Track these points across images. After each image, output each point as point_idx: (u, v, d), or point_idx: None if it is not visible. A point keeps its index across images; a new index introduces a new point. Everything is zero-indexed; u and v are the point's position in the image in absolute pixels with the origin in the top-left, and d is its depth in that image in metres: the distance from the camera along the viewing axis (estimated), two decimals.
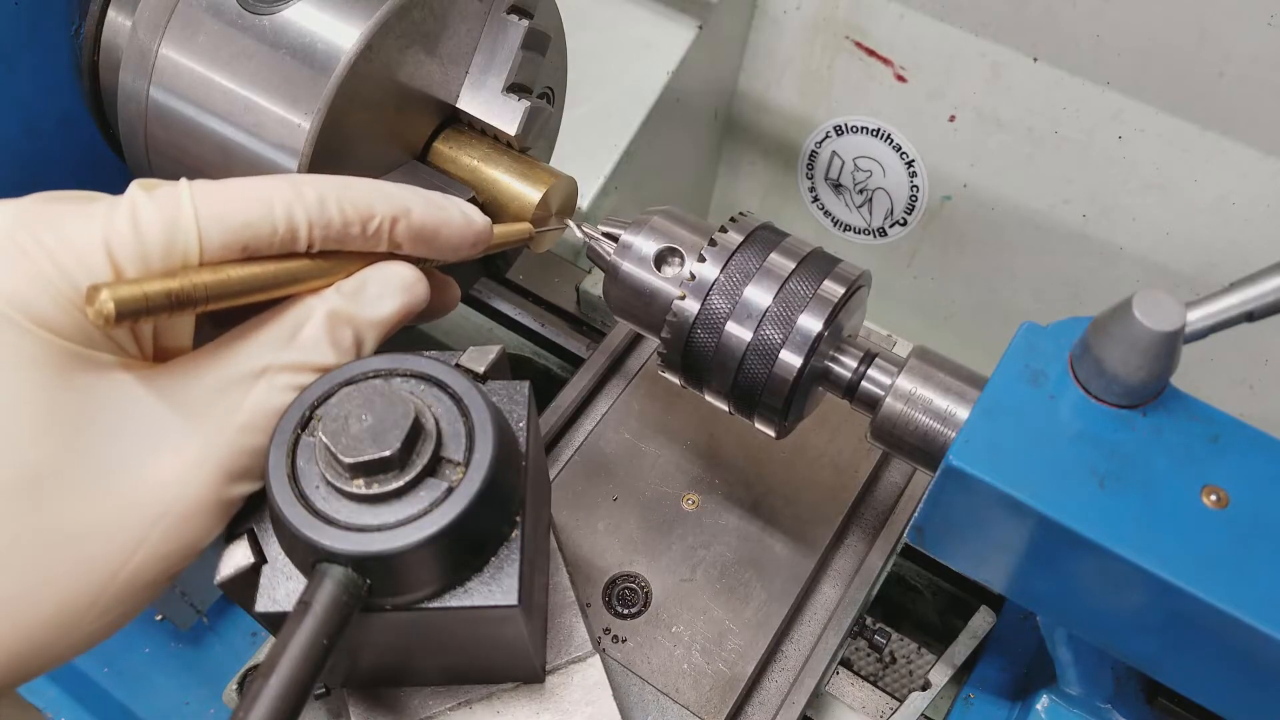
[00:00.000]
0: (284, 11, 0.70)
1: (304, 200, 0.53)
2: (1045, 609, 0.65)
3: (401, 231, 0.57)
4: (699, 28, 1.25)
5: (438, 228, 0.59)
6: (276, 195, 0.53)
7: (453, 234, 0.60)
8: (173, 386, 0.52)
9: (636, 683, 0.77)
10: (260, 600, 0.53)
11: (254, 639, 1.12)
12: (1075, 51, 1.14)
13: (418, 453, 0.51)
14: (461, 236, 0.60)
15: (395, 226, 0.57)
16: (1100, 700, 0.73)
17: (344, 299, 0.56)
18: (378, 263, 0.58)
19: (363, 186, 0.56)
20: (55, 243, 0.48)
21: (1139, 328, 0.53)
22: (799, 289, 0.67)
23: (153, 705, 1.08)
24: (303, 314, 0.55)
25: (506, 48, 0.76)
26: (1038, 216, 1.27)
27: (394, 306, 0.57)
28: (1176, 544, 0.53)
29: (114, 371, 0.51)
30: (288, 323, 0.54)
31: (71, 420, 0.49)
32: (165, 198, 0.51)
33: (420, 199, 0.58)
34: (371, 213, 0.56)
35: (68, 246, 0.49)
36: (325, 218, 0.54)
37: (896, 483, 0.90)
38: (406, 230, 0.57)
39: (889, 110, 1.31)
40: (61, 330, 0.49)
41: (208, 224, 0.51)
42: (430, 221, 0.58)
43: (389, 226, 0.56)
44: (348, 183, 0.56)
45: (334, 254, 0.56)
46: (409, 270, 0.58)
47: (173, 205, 0.50)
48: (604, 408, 0.92)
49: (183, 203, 0.51)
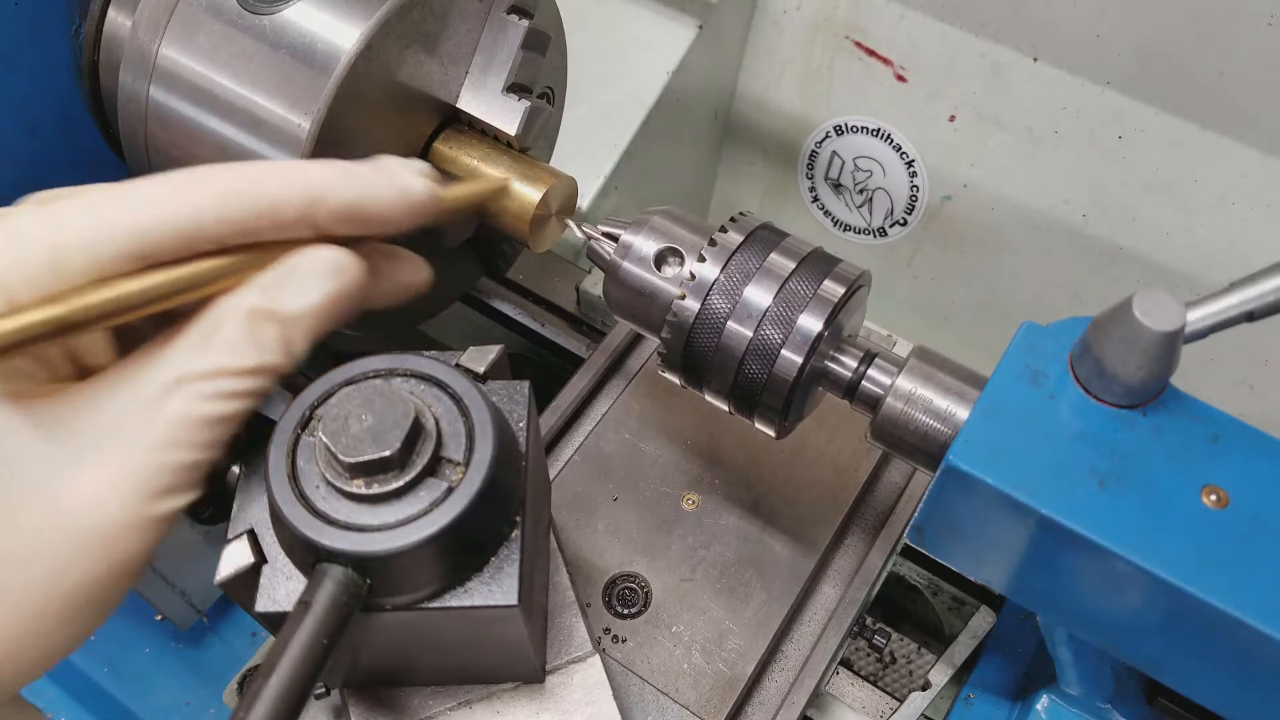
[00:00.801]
0: (284, 11, 0.70)
1: (203, 198, 0.49)
2: (1045, 609, 0.65)
3: (321, 216, 0.52)
4: (699, 28, 1.25)
5: (362, 205, 0.53)
6: (173, 196, 0.49)
7: (383, 209, 0.54)
8: (87, 406, 0.49)
9: (636, 683, 0.77)
10: (260, 600, 0.53)
11: (254, 639, 1.12)
12: (1075, 51, 1.14)
13: (418, 453, 0.51)
14: (395, 210, 0.54)
15: (312, 212, 0.52)
16: (1100, 700, 0.73)
17: (264, 293, 0.51)
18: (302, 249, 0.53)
19: (273, 173, 0.51)
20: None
21: (1139, 328, 0.53)
22: (799, 289, 0.67)
23: (153, 705, 1.08)
24: (220, 315, 0.51)
25: (506, 48, 0.76)
26: (1038, 216, 1.27)
27: (321, 294, 0.52)
28: (1176, 544, 0.53)
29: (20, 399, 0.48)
30: (204, 327, 0.50)
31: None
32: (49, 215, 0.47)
33: (342, 176, 0.53)
34: (280, 200, 0.51)
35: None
36: (226, 214, 0.50)
37: (896, 483, 0.90)
38: (326, 214, 0.52)
39: (889, 110, 1.31)
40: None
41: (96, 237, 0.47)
42: (353, 200, 0.53)
43: (304, 215, 0.52)
44: (256, 172, 0.51)
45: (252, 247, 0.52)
46: (334, 253, 0.52)
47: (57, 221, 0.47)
48: (604, 408, 0.92)
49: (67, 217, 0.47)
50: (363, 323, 0.84)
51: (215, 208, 0.49)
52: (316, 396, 0.54)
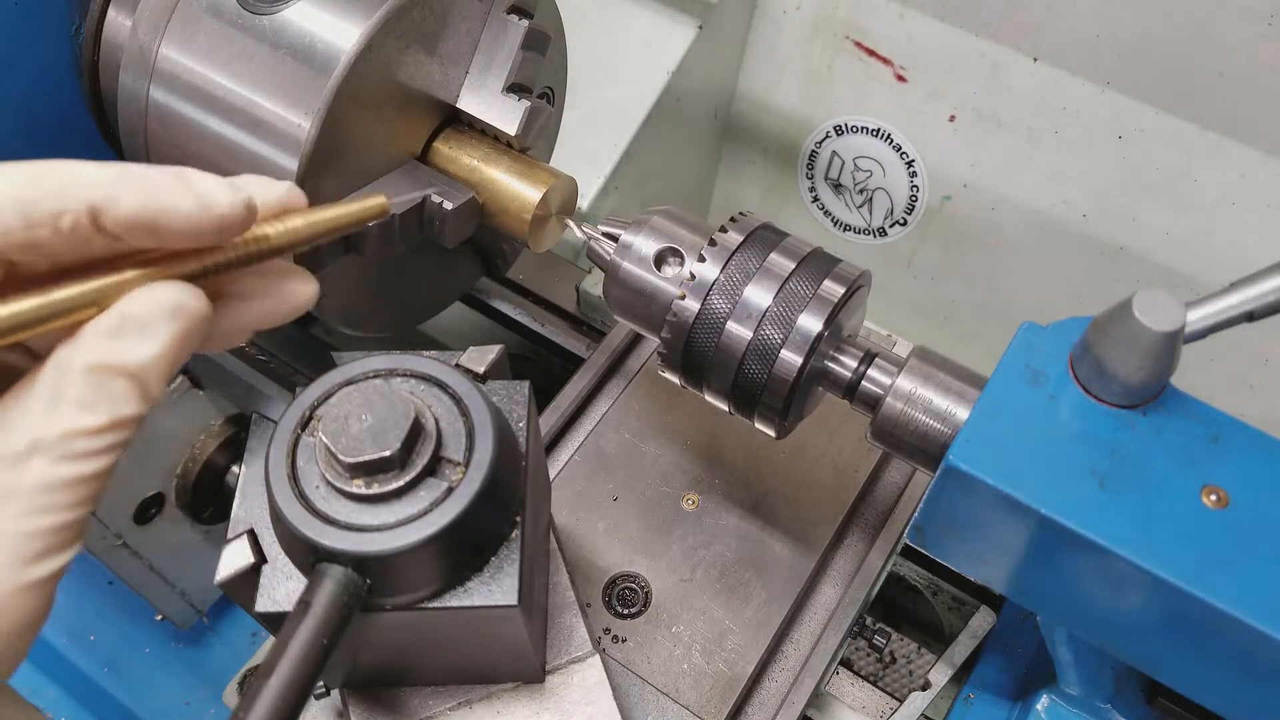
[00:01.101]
0: (284, 11, 0.70)
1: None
2: (1045, 609, 0.65)
3: (110, 224, 0.48)
4: (699, 28, 1.25)
5: (155, 216, 0.48)
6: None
7: (179, 221, 0.49)
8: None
9: (636, 683, 0.77)
10: (260, 600, 0.53)
11: (254, 639, 1.12)
12: (1075, 51, 1.14)
13: (418, 453, 0.51)
14: (193, 223, 0.49)
15: (100, 219, 0.47)
16: (1100, 700, 0.73)
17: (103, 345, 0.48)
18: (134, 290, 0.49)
19: (54, 177, 0.47)
20: None
21: (1139, 328, 0.53)
22: (799, 289, 0.67)
23: (153, 705, 1.08)
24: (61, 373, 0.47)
25: (506, 48, 0.76)
26: (1038, 216, 1.27)
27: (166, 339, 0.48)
28: (1176, 544, 0.53)
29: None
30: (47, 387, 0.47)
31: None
32: None
33: (136, 183, 0.48)
34: (60, 208, 0.47)
35: None
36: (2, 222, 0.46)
37: (896, 483, 0.90)
38: (115, 223, 0.48)
39: (889, 110, 1.31)
40: None
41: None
42: (145, 210, 0.48)
43: (89, 221, 0.47)
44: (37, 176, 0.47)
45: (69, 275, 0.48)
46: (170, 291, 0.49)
47: None
48: (604, 408, 0.92)
49: None
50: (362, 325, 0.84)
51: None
52: (316, 396, 0.54)
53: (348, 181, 0.73)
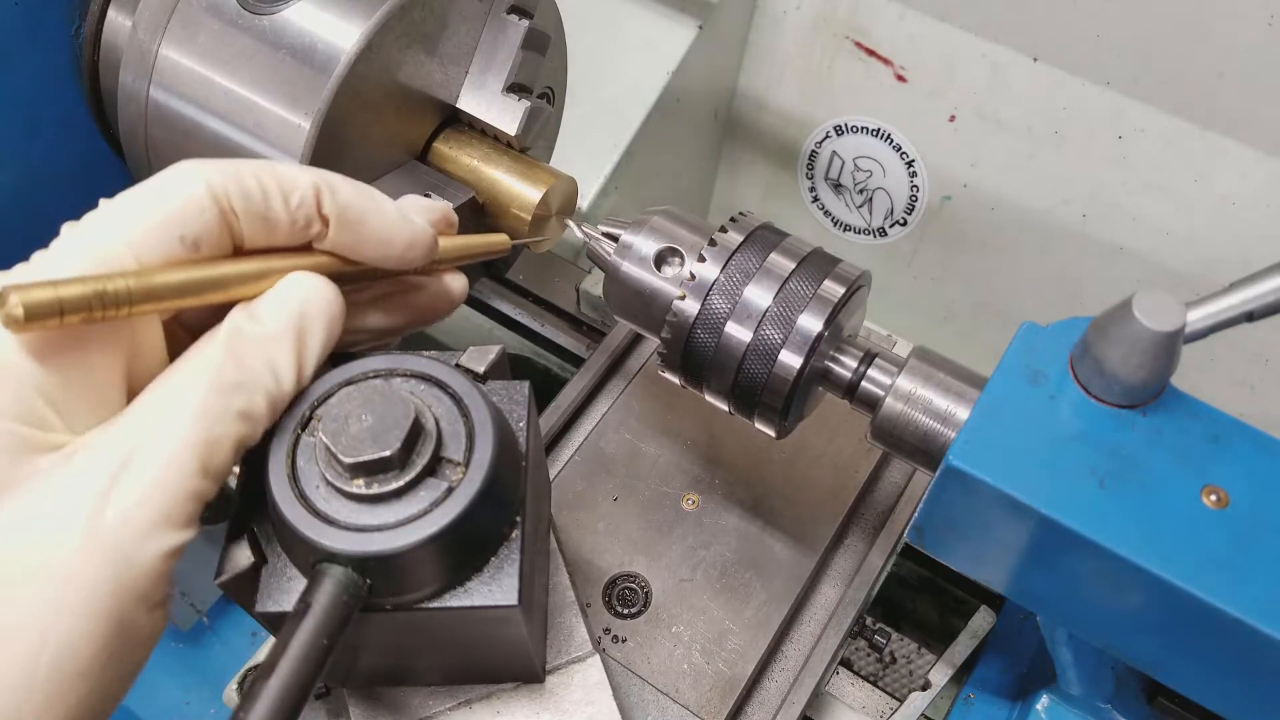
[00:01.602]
0: (284, 11, 0.70)
1: (220, 173, 0.51)
2: (1045, 609, 0.65)
3: (329, 207, 0.54)
4: (699, 28, 1.25)
5: (364, 210, 0.55)
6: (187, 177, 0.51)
7: (382, 225, 0.56)
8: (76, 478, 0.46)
9: (636, 683, 0.77)
10: (260, 600, 0.53)
11: (254, 639, 1.12)
12: (1075, 51, 1.14)
13: (418, 453, 0.51)
14: (393, 230, 0.56)
15: (321, 199, 0.53)
16: (1100, 700, 0.73)
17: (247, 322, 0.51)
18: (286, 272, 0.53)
19: (286, 164, 0.54)
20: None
21: (1139, 328, 0.53)
22: (799, 289, 0.67)
23: (153, 705, 1.08)
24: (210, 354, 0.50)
25: (506, 48, 0.76)
26: (1038, 216, 1.27)
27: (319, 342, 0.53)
28: (1176, 544, 0.53)
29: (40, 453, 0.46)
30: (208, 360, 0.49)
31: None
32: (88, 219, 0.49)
33: (347, 183, 0.55)
34: (295, 183, 0.53)
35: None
36: (244, 189, 0.51)
37: (896, 483, 0.90)
38: (333, 205, 0.54)
39: (889, 110, 1.31)
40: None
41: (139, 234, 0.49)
42: (356, 202, 0.55)
43: (314, 199, 0.53)
44: (269, 162, 0.54)
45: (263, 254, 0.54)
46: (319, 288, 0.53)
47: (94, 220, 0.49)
48: (604, 408, 0.92)
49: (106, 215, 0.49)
50: None
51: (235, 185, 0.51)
52: (316, 396, 0.54)
53: None
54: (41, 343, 0.47)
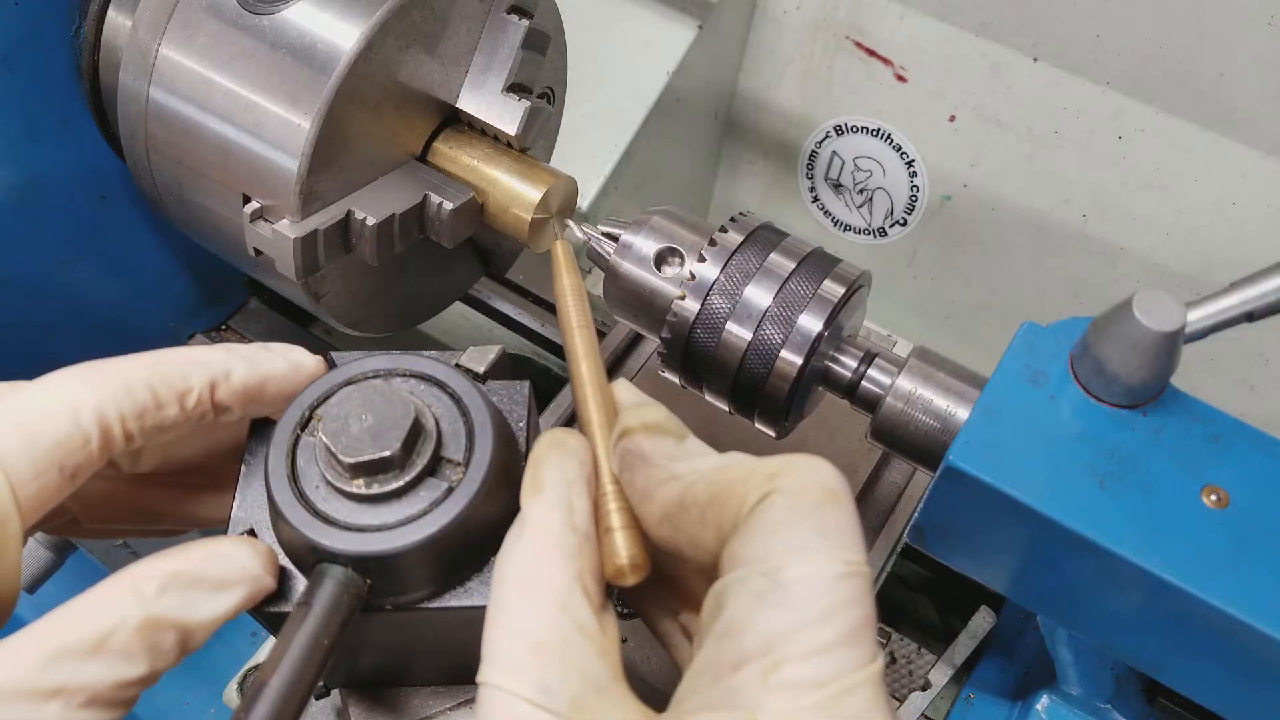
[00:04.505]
0: (284, 11, 0.70)
1: (109, 392, 0.49)
2: (1045, 609, 0.65)
3: (224, 396, 0.53)
4: (699, 28, 1.25)
5: (262, 383, 0.54)
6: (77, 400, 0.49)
7: (281, 385, 0.55)
8: None
9: (636, 683, 0.77)
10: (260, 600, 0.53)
11: (254, 639, 1.12)
12: (1075, 51, 1.14)
13: (418, 453, 0.51)
14: (292, 384, 0.56)
15: (215, 393, 0.53)
16: (1100, 700, 0.73)
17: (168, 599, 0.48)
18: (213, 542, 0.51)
19: (174, 359, 0.52)
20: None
21: (1139, 328, 0.53)
22: (799, 289, 0.67)
23: (153, 705, 1.08)
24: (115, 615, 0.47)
25: (506, 47, 0.76)
26: (1038, 216, 1.27)
27: (231, 603, 0.50)
28: (1176, 544, 0.53)
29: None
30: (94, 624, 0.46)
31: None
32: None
33: (238, 358, 0.54)
34: (187, 385, 0.52)
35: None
36: (137, 405, 0.50)
37: (896, 483, 0.90)
38: (229, 394, 0.53)
39: (889, 110, 1.31)
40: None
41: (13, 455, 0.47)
42: (253, 379, 0.54)
43: (209, 395, 0.53)
44: (157, 359, 0.52)
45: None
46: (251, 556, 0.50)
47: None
48: None
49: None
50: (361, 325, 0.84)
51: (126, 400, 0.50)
52: (316, 396, 0.54)
53: (348, 181, 0.73)
54: None
